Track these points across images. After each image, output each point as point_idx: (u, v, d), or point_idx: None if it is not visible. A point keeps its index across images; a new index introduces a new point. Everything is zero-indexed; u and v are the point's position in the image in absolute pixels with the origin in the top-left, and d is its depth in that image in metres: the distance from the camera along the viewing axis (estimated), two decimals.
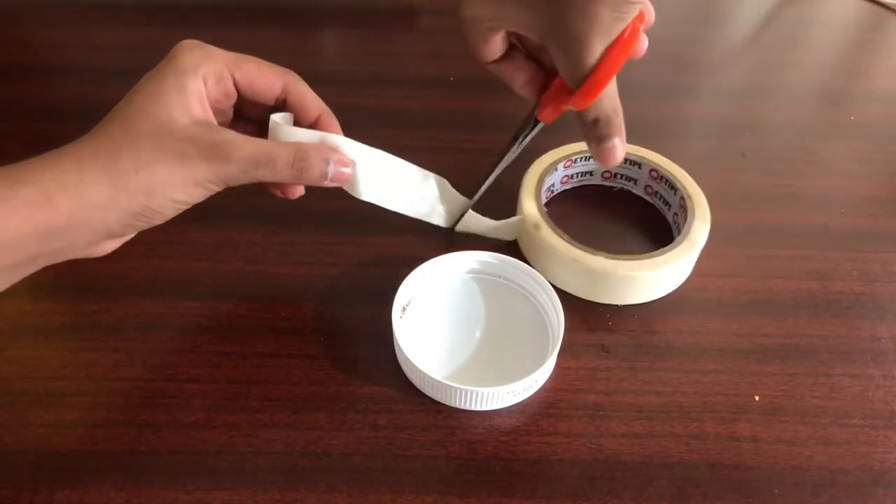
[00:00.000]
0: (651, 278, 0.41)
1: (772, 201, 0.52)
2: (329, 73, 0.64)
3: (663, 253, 0.42)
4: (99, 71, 0.62)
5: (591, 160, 0.49)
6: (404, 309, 0.40)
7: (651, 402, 0.38)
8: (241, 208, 0.48)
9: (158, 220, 0.32)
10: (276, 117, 0.35)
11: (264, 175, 0.32)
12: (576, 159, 0.49)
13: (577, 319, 0.42)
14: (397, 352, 0.38)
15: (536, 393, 0.38)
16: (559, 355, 0.38)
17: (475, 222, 0.44)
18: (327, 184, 0.35)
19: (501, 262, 0.42)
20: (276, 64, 0.36)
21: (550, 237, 0.42)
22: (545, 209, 0.45)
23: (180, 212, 0.32)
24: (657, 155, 0.49)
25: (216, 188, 0.32)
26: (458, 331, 0.40)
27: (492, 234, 0.46)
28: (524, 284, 0.42)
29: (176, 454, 0.35)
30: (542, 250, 0.43)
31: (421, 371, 0.36)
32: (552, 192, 0.50)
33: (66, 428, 0.36)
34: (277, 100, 0.36)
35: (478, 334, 0.40)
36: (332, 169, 0.34)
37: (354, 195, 0.38)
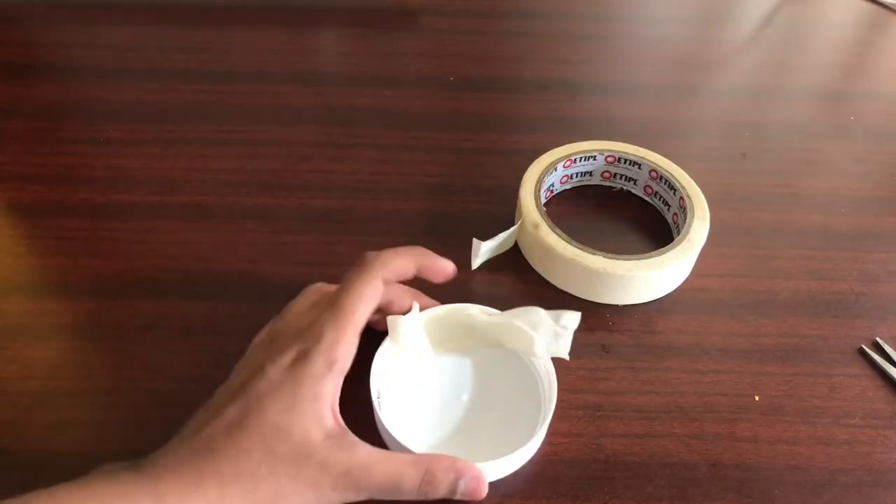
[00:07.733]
0: (651, 278, 0.41)
1: (772, 201, 0.52)
2: (329, 73, 0.64)
3: (662, 253, 0.42)
4: (99, 71, 0.62)
5: (592, 160, 0.49)
6: (378, 395, 0.35)
7: (651, 402, 0.38)
8: (241, 208, 0.49)
9: None
10: (393, 320, 0.37)
11: (390, 497, 0.31)
12: (575, 159, 0.49)
13: None
14: (380, 429, 0.34)
15: None
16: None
17: (483, 250, 0.43)
18: (458, 497, 0.32)
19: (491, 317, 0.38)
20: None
21: (550, 237, 0.42)
22: (545, 209, 0.45)
23: None
24: (657, 155, 0.49)
25: None
26: (443, 395, 0.37)
27: (497, 252, 0.45)
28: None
29: None
30: (541, 250, 0.43)
31: (402, 445, 0.33)
32: (552, 191, 0.50)
33: (66, 428, 0.36)
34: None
35: (464, 397, 0.37)
36: (462, 485, 0.31)
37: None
